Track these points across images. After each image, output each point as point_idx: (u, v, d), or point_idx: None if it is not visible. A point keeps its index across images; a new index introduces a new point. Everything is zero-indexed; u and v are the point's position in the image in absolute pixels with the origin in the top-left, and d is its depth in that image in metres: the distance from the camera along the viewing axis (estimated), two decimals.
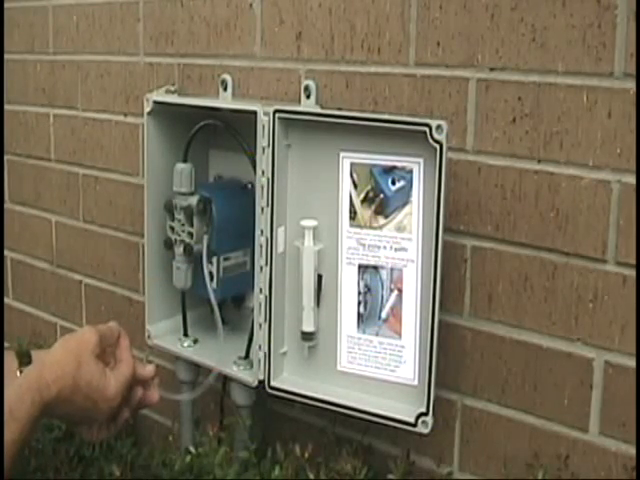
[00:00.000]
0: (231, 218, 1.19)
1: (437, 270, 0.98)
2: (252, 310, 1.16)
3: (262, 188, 1.09)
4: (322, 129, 1.07)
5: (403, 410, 1.04)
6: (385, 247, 1.06)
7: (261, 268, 1.11)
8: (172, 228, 1.21)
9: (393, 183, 1.04)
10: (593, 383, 1.00)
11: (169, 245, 1.22)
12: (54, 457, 1.40)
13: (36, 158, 1.78)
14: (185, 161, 1.21)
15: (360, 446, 1.16)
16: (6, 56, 1.79)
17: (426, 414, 1.01)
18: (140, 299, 1.53)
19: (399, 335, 1.06)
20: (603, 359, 0.99)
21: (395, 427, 1.04)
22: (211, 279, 1.18)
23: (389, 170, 1.04)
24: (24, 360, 0.98)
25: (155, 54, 1.46)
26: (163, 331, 1.30)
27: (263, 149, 1.08)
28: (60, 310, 1.79)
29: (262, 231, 1.10)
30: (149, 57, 1.48)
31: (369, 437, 1.20)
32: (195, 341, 1.27)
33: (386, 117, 1.04)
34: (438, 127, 0.95)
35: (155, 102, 1.22)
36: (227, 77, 1.32)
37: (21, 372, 0.97)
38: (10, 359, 0.98)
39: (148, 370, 1.05)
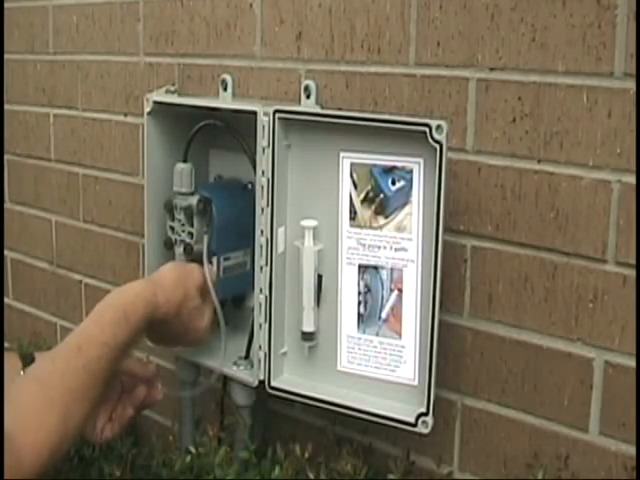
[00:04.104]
0: (231, 218, 1.19)
1: (437, 270, 0.98)
2: (252, 310, 1.16)
3: (262, 188, 1.09)
4: (322, 129, 1.07)
5: (403, 410, 1.04)
6: (385, 247, 1.06)
7: (261, 268, 1.11)
8: (172, 228, 1.21)
9: (393, 183, 1.04)
10: (593, 383, 1.00)
11: (169, 245, 1.22)
12: None
13: (36, 158, 1.78)
14: (185, 161, 1.20)
15: (360, 446, 1.16)
16: (6, 56, 1.79)
17: (426, 414, 1.01)
18: None
19: (399, 335, 1.06)
20: (603, 359, 0.99)
21: (395, 427, 1.04)
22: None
23: (389, 170, 1.04)
24: (27, 361, 0.99)
25: (155, 54, 1.46)
26: None
27: (263, 149, 1.08)
28: (60, 310, 1.79)
29: (262, 231, 1.10)
30: (149, 57, 1.48)
31: (369, 437, 1.20)
32: None
33: (386, 117, 1.04)
34: (438, 127, 0.95)
35: (155, 102, 1.22)
36: (227, 77, 1.32)
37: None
38: (13, 360, 0.98)
39: (150, 369, 1.06)
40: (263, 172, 1.09)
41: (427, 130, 0.96)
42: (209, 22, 1.36)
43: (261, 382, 1.14)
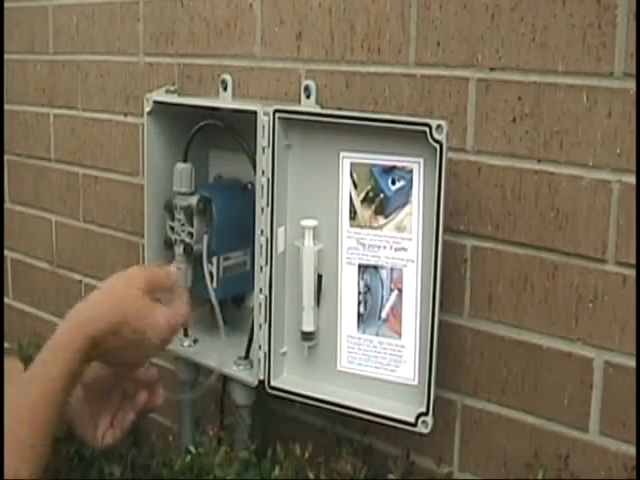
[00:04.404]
0: (231, 218, 1.19)
1: (437, 270, 0.98)
2: (252, 310, 1.16)
3: (262, 188, 1.09)
4: (322, 129, 1.07)
5: (403, 410, 1.04)
6: (385, 247, 1.06)
7: (261, 268, 1.11)
8: (172, 228, 1.21)
9: (393, 183, 1.04)
10: (593, 383, 1.00)
11: (169, 245, 1.22)
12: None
13: (36, 158, 1.78)
14: (185, 161, 1.21)
15: (360, 446, 1.16)
16: (6, 56, 1.79)
17: (426, 414, 1.01)
18: None
19: (399, 335, 1.06)
20: (603, 359, 0.99)
21: (395, 427, 1.04)
22: (211, 279, 1.19)
23: (389, 170, 1.04)
24: (28, 364, 0.99)
25: (155, 54, 1.46)
26: None
27: (263, 149, 1.08)
28: (60, 310, 1.79)
29: (262, 231, 1.10)
30: (149, 57, 1.48)
31: (369, 437, 1.20)
32: (195, 341, 1.27)
33: (386, 117, 1.04)
34: (438, 127, 0.95)
35: (155, 102, 1.22)
36: (227, 77, 1.32)
37: None
38: (14, 364, 0.99)
39: (151, 373, 1.05)
40: (263, 172, 1.09)
41: (427, 130, 0.96)
42: (209, 22, 1.36)
43: (261, 382, 1.14)
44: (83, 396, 1.02)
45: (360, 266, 1.08)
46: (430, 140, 0.96)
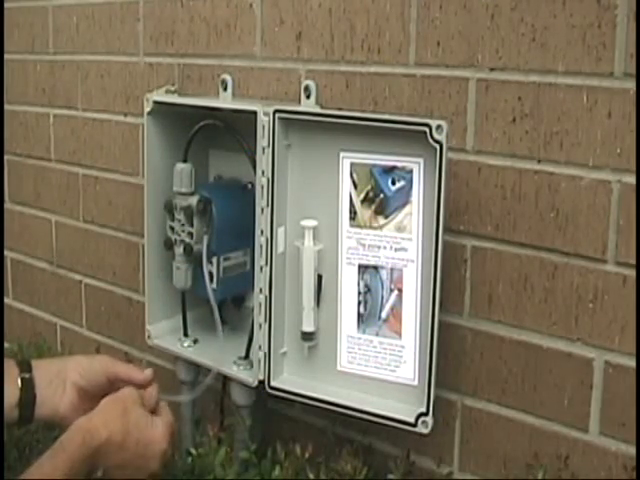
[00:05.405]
0: (231, 218, 1.19)
1: (437, 270, 0.98)
2: (252, 310, 1.16)
3: (262, 188, 1.09)
4: (322, 129, 1.07)
5: (403, 410, 1.04)
6: (385, 247, 1.06)
7: (261, 268, 1.11)
8: (172, 228, 1.21)
9: (393, 183, 1.04)
10: (593, 383, 1.00)
11: (169, 245, 1.22)
12: None
13: (36, 158, 1.78)
14: (185, 161, 1.21)
15: (360, 446, 1.16)
16: (6, 56, 1.79)
17: (426, 414, 1.01)
18: (140, 299, 1.53)
19: (399, 335, 1.06)
20: (603, 359, 0.99)
21: (395, 427, 1.04)
22: (211, 279, 1.18)
23: (389, 170, 1.04)
24: (24, 368, 0.98)
25: (155, 54, 1.46)
26: (163, 331, 1.30)
27: (263, 149, 1.08)
28: (60, 310, 1.79)
29: (262, 231, 1.10)
30: (149, 57, 1.48)
31: (369, 437, 1.20)
32: (195, 341, 1.27)
33: (386, 117, 1.04)
34: (438, 127, 0.95)
35: (155, 102, 1.22)
36: (227, 77, 1.32)
37: (22, 379, 0.97)
38: (11, 366, 0.98)
39: (145, 375, 1.03)
40: (263, 172, 1.09)
41: (427, 130, 0.96)
42: (209, 22, 1.36)
43: (261, 382, 1.14)
44: (76, 400, 1.00)
45: (360, 266, 1.08)
46: (430, 140, 0.96)
